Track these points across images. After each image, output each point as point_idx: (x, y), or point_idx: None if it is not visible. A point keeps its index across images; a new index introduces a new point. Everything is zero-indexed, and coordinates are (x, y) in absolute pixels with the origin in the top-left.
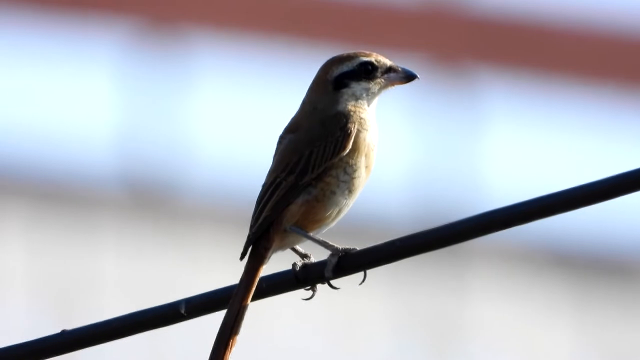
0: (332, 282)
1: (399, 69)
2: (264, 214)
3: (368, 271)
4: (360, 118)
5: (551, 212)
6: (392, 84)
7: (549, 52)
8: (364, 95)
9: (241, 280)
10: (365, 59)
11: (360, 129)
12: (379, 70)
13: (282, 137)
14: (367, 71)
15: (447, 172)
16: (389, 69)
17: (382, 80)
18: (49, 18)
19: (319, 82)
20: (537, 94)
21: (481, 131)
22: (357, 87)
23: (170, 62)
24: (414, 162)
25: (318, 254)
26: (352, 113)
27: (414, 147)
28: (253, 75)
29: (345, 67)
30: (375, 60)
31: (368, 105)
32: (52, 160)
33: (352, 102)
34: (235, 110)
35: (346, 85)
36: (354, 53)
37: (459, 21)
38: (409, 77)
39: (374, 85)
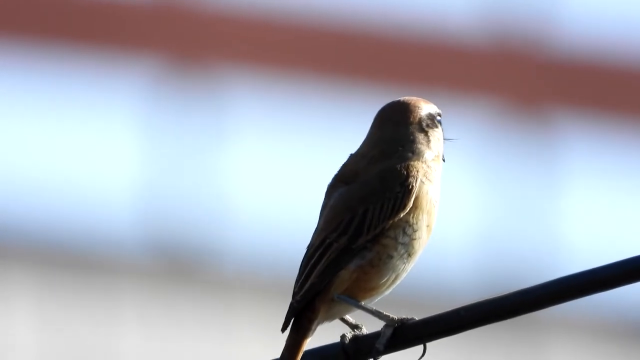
0: (384, 358)
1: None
2: (310, 281)
3: (428, 344)
4: (428, 167)
5: (638, 278)
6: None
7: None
8: (442, 141)
9: (282, 355)
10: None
11: (424, 180)
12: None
13: (332, 186)
14: (438, 120)
15: (519, 232)
16: None
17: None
18: (66, 60)
19: (403, 119)
20: (623, 144)
21: (559, 185)
22: (439, 132)
23: (203, 107)
24: (480, 220)
25: (371, 325)
26: (417, 163)
27: (480, 203)
28: (297, 121)
29: (431, 109)
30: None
31: (440, 154)
32: (68, 222)
33: (435, 147)
34: (276, 161)
35: (436, 126)
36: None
37: (535, 62)
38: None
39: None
